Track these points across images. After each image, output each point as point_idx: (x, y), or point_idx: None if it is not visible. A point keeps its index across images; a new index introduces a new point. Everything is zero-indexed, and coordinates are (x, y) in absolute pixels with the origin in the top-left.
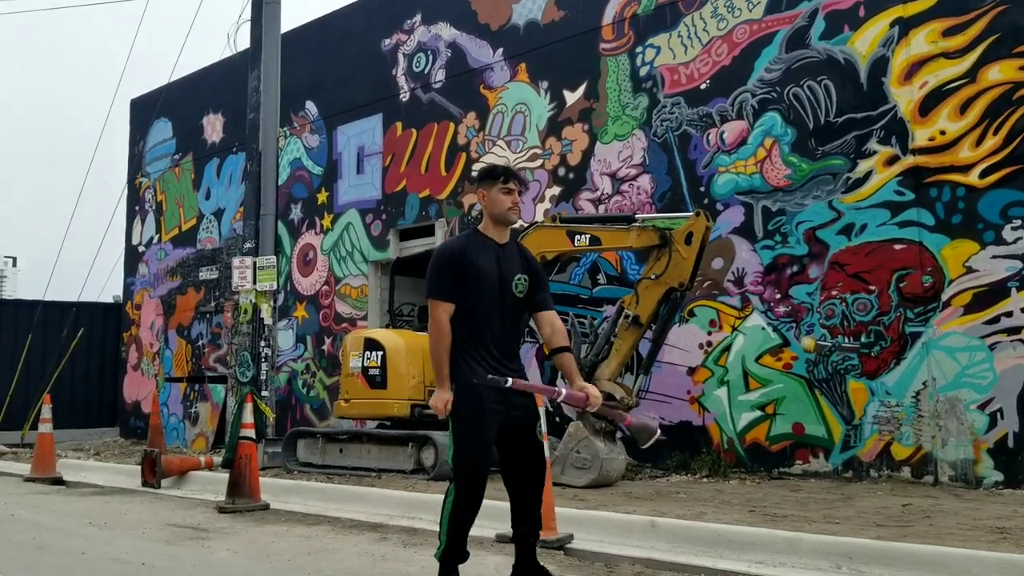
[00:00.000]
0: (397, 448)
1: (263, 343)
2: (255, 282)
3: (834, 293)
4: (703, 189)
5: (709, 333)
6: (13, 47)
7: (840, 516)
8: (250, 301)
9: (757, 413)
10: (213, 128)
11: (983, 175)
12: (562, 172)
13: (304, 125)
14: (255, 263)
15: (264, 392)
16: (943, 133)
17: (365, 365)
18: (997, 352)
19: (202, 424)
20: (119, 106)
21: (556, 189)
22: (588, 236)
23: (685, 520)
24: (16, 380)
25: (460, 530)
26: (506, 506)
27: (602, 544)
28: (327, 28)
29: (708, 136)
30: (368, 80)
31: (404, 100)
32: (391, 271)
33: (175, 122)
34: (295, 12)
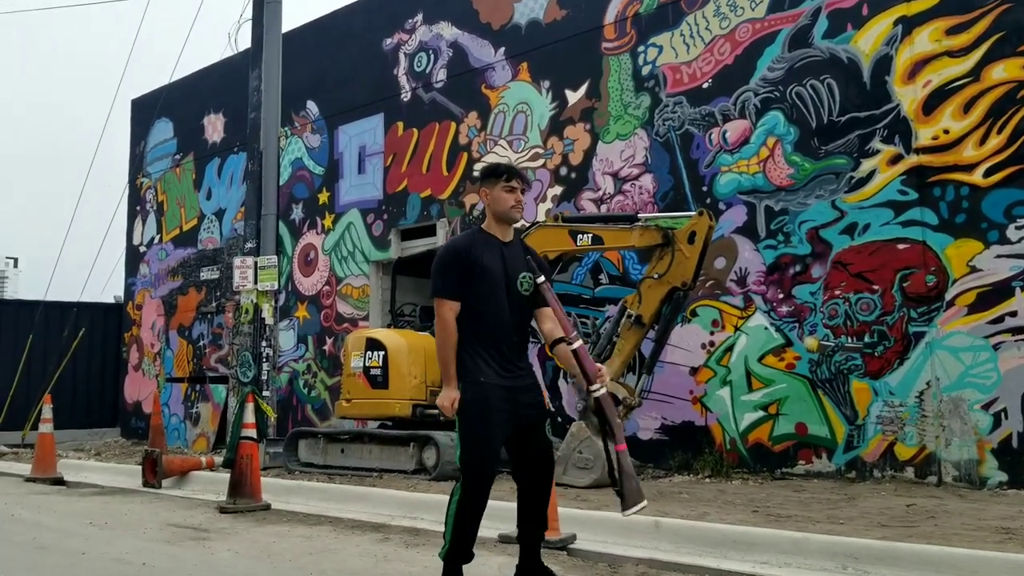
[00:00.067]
0: (399, 448)
1: (264, 343)
2: (256, 282)
3: (837, 293)
4: (705, 189)
5: (712, 333)
6: (13, 47)
7: (844, 516)
8: (251, 301)
9: (760, 413)
10: (214, 128)
11: (987, 174)
12: (564, 172)
13: (305, 125)
14: (256, 263)
15: (265, 392)
16: (947, 132)
17: (367, 365)
18: (1001, 352)
19: (203, 424)
20: (120, 106)
21: (558, 189)
22: (590, 235)
23: (689, 520)
24: (17, 380)
25: (465, 530)
26: (508, 506)
27: (605, 544)
28: (328, 28)
29: (710, 135)
30: (369, 80)
31: (405, 100)
32: (392, 271)
33: (176, 122)
34: (296, 12)
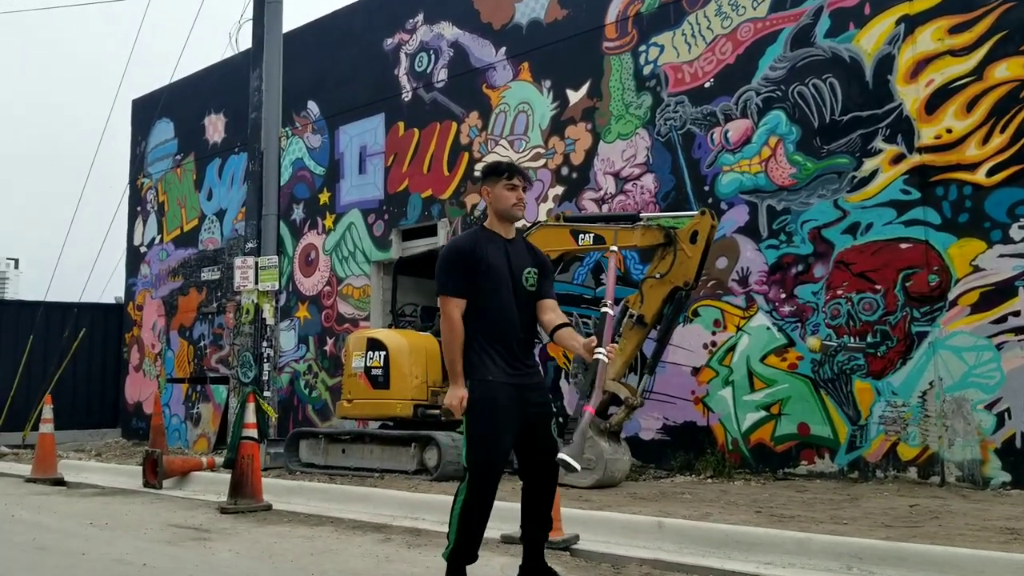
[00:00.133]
0: (400, 448)
1: (265, 343)
2: (257, 282)
3: (839, 292)
4: (707, 188)
5: (713, 333)
6: (13, 47)
7: (847, 517)
8: (252, 301)
9: (762, 413)
10: (215, 128)
11: (990, 173)
12: (565, 171)
13: (306, 125)
14: (257, 263)
15: (266, 392)
16: (949, 131)
17: (368, 365)
18: (1004, 352)
19: (204, 425)
20: (120, 106)
21: (559, 188)
22: (592, 235)
23: (692, 520)
24: (17, 381)
25: (471, 530)
26: (510, 506)
27: (608, 545)
28: (329, 28)
29: (712, 135)
30: (370, 80)
31: (406, 100)
32: (394, 271)
33: (176, 122)
34: (297, 12)
